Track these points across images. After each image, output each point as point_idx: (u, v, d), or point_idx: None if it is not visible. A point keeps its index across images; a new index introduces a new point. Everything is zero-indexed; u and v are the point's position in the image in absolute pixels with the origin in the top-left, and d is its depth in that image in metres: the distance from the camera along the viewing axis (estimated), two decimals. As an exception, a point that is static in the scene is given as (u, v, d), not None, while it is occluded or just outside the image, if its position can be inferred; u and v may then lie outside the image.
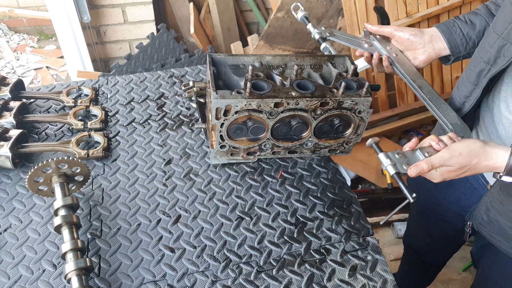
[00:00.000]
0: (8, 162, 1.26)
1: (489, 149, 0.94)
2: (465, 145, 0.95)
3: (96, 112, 1.49)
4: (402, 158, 1.01)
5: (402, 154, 1.02)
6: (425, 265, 1.86)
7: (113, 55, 3.08)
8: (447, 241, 1.59)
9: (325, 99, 1.16)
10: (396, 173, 0.98)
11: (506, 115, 1.08)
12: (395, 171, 0.98)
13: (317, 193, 1.30)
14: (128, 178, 1.31)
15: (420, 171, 0.96)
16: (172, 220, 1.20)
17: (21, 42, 3.86)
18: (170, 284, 1.07)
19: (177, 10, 3.02)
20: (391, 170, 0.99)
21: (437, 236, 1.57)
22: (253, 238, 1.17)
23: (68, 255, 1.02)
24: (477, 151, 0.94)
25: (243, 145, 1.27)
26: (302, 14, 1.39)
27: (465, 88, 1.15)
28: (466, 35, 1.19)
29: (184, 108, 1.57)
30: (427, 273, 1.94)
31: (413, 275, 1.98)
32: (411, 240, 1.83)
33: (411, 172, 0.97)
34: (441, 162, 0.96)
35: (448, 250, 1.70)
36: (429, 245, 1.69)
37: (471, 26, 1.19)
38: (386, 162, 1.00)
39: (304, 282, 1.08)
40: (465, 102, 1.16)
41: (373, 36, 1.31)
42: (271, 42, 2.56)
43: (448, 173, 0.98)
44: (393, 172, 0.98)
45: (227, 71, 1.25)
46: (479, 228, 1.27)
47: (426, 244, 1.72)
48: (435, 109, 1.14)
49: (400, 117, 2.66)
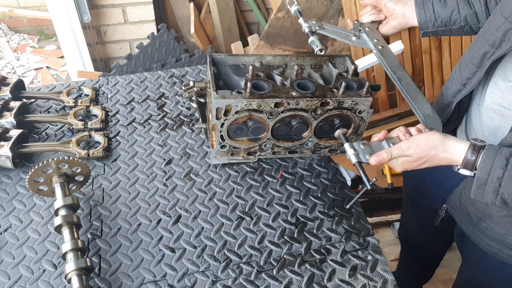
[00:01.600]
0: (8, 162, 1.26)
1: (448, 142, 0.98)
2: (424, 137, 1.00)
3: (96, 112, 1.49)
4: (367, 148, 1.07)
5: (368, 145, 1.08)
6: (421, 260, 1.88)
7: (114, 55, 3.08)
8: (437, 232, 1.61)
9: (325, 99, 1.16)
10: (358, 162, 1.05)
11: (490, 104, 1.09)
12: (357, 160, 1.05)
13: (318, 193, 1.30)
14: (128, 178, 1.31)
15: (380, 160, 1.02)
16: (173, 220, 1.20)
17: (22, 42, 3.86)
18: (170, 284, 1.07)
19: (177, 10, 3.02)
20: (353, 159, 1.05)
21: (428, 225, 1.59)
22: (254, 238, 1.17)
23: (69, 255, 1.02)
24: (435, 143, 0.98)
25: (244, 145, 1.27)
26: (295, 8, 1.41)
27: (468, 70, 1.16)
28: (436, 13, 1.23)
29: (185, 108, 1.57)
30: (424, 270, 1.95)
31: (411, 272, 1.99)
32: (406, 232, 1.85)
33: (372, 161, 1.03)
34: (399, 152, 1.00)
35: (440, 242, 1.71)
36: (422, 236, 1.71)
37: (443, 4, 1.23)
38: (349, 152, 1.07)
39: (304, 282, 1.08)
40: (466, 84, 1.17)
41: (362, 29, 1.33)
42: (272, 42, 2.56)
43: (408, 163, 1.01)
44: (355, 161, 1.05)
45: (228, 71, 1.25)
46: (451, 212, 1.30)
47: (419, 236, 1.74)
48: (410, 100, 1.17)
49: (401, 117, 2.66)
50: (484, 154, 0.94)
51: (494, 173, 0.93)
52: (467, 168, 0.96)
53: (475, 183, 0.96)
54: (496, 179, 0.92)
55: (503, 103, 1.05)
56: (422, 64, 2.62)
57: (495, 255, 1.18)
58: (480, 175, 0.94)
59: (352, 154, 1.06)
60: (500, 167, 0.92)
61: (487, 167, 0.93)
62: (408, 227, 1.79)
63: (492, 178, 0.93)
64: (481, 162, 0.94)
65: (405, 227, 1.84)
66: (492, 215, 1.13)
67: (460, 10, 1.22)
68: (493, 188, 0.94)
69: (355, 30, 1.33)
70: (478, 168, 0.94)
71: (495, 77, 1.10)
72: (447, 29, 1.26)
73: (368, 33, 1.32)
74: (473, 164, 0.95)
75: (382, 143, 1.08)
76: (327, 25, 1.36)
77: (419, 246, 1.80)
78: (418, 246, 1.81)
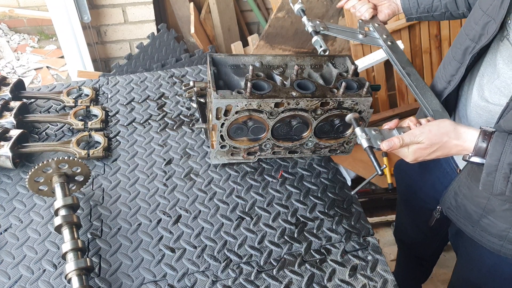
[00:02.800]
0: (8, 162, 1.27)
1: (459, 128, 0.97)
2: (435, 123, 0.99)
3: (96, 112, 1.49)
4: (378, 135, 1.05)
5: (379, 131, 1.06)
6: (418, 260, 1.88)
7: (114, 55, 3.08)
8: (432, 231, 1.62)
9: (325, 99, 1.16)
10: (369, 147, 1.02)
11: (477, 101, 1.10)
12: (368, 145, 1.02)
13: (318, 193, 1.30)
14: (128, 178, 1.31)
15: (392, 146, 1.00)
16: (173, 220, 1.20)
17: (22, 42, 3.86)
18: (170, 284, 1.07)
19: (177, 10, 3.02)
20: (365, 143, 1.03)
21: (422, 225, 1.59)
22: (254, 238, 1.17)
23: (69, 255, 1.02)
24: (447, 129, 0.97)
25: (244, 145, 1.27)
26: (299, 6, 1.41)
27: (451, 67, 1.17)
28: (418, 1, 1.30)
29: (185, 108, 1.57)
30: (421, 269, 1.95)
31: (409, 272, 2.00)
32: (401, 233, 1.85)
33: (384, 146, 1.01)
34: (411, 138, 0.99)
35: (436, 241, 1.71)
36: (417, 236, 1.72)
37: None
38: (361, 136, 1.05)
39: (304, 282, 1.08)
40: (450, 81, 1.18)
41: (372, 25, 1.35)
42: (272, 42, 2.56)
43: (420, 151, 1.00)
44: (366, 146, 1.03)
45: (228, 71, 1.25)
46: (447, 212, 1.29)
47: (414, 236, 1.74)
48: (419, 95, 1.17)
49: (401, 117, 2.66)
50: (494, 140, 0.93)
51: (504, 159, 0.91)
52: (478, 155, 0.95)
53: (485, 171, 0.95)
54: (507, 164, 0.91)
55: (490, 99, 1.06)
56: (422, 64, 2.62)
57: (497, 251, 1.17)
58: (490, 161, 0.93)
59: (363, 139, 1.04)
60: (511, 152, 0.91)
61: (497, 153, 0.92)
62: (403, 227, 1.80)
63: (503, 164, 0.92)
64: (491, 148, 0.93)
65: (400, 228, 1.85)
66: (495, 209, 1.12)
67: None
68: (503, 174, 0.92)
69: (361, 29, 1.33)
70: (488, 155, 0.93)
71: (480, 74, 1.10)
72: (429, 15, 1.32)
73: (377, 29, 1.33)
74: (484, 151, 0.94)
75: (393, 132, 1.05)
76: (331, 25, 1.36)
77: (415, 246, 1.80)
78: (414, 246, 1.81)
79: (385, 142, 1.01)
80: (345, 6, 1.43)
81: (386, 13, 1.37)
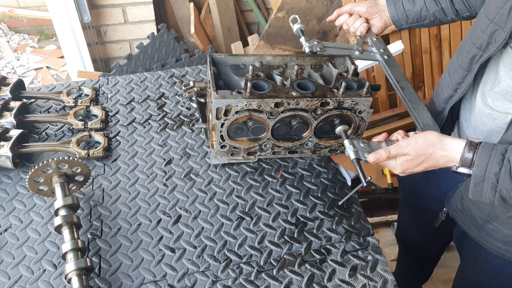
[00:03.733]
0: (8, 162, 1.27)
1: (445, 139, 0.99)
2: (421, 135, 1.02)
3: (96, 112, 1.49)
4: (366, 147, 1.08)
5: (368, 144, 1.09)
6: (419, 260, 1.88)
7: (114, 55, 3.08)
8: (435, 232, 1.62)
9: (325, 99, 1.16)
10: (356, 159, 1.06)
11: (481, 108, 1.10)
12: (355, 157, 1.06)
13: (318, 193, 1.30)
14: (128, 178, 1.31)
15: (378, 158, 1.02)
16: (173, 220, 1.20)
17: (22, 42, 3.86)
18: (170, 284, 1.07)
19: (177, 10, 3.02)
20: (352, 155, 1.07)
21: (426, 226, 1.60)
22: (254, 238, 1.17)
23: (69, 255, 1.02)
24: (432, 140, 0.99)
25: (244, 145, 1.27)
26: (298, 26, 1.43)
27: (457, 75, 1.17)
28: (407, 11, 1.33)
29: (185, 108, 1.57)
30: (422, 269, 1.95)
31: (410, 272, 1.99)
32: (403, 234, 1.85)
33: (370, 158, 1.04)
34: (398, 149, 1.01)
35: (439, 242, 1.72)
36: (420, 237, 1.72)
37: (412, 4, 1.32)
38: (349, 148, 1.08)
39: (304, 282, 1.08)
40: (457, 89, 1.18)
41: (370, 39, 1.38)
42: (272, 42, 2.56)
43: (407, 163, 1.01)
44: (353, 157, 1.06)
45: (228, 71, 1.25)
46: (453, 215, 1.29)
47: (417, 237, 1.74)
48: (411, 109, 1.19)
49: (401, 117, 2.66)
50: (480, 150, 0.94)
51: (491, 169, 0.92)
52: (465, 166, 0.96)
53: (472, 181, 0.96)
54: (493, 175, 0.92)
55: (494, 106, 1.05)
56: (422, 64, 2.62)
57: (502, 255, 1.18)
58: (477, 171, 0.94)
59: (351, 151, 1.08)
60: (496, 162, 0.92)
61: (483, 163, 0.93)
62: (405, 228, 1.80)
63: (489, 174, 0.92)
64: (477, 158, 0.94)
65: (402, 228, 1.85)
66: (499, 216, 1.12)
67: (428, 8, 1.30)
68: (490, 184, 0.93)
69: (359, 46, 1.37)
70: (475, 165, 0.94)
71: (483, 81, 1.10)
72: (420, 23, 1.35)
73: (375, 43, 1.36)
74: (470, 161, 0.95)
75: (381, 145, 1.08)
76: (328, 44, 1.39)
77: (417, 246, 1.80)
78: (416, 246, 1.81)
79: (371, 154, 1.04)
80: (336, 23, 1.45)
81: (379, 26, 1.39)
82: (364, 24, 1.36)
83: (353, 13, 1.39)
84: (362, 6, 1.38)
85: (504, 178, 0.91)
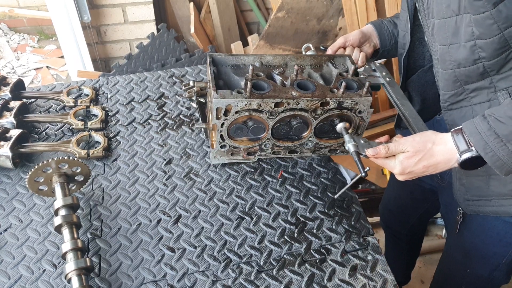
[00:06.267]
0: (8, 162, 1.27)
1: (441, 135, 1.02)
2: (419, 133, 1.06)
3: (96, 112, 1.49)
4: (366, 144, 1.11)
5: (368, 142, 1.12)
6: (396, 234, 1.95)
7: (114, 55, 3.08)
8: (413, 205, 1.71)
9: (325, 99, 1.16)
10: (355, 152, 1.09)
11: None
12: (354, 150, 1.09)
13: (318, 193, 1.30)
14: (128, 178, 1.31)
15: (377, 153, 1.05)
16: (173, 220, 1.20)
17: (22, 42, 3.86)
18: (170, 284, 1.07)
19: (177, 10, 3.02)
20: (352, 148, 1.10)
21: (405, 196, 1.70)
22: (254, 238, 1.17)
23: (69, 255, 1.02)
24: (429, 136, 1.02)
25: (244, 145, 1.27)
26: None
27: None
28: (391, 32, 1.44)
29: (185, 108, 1.57)
30: (400, 247, 2.01)
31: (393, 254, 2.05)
32: (383, 206, 1.95)
33: (369, 152, 1.07)
34: (396, 146, 1.04)
35: (413, 217, 1.80)
36: (397, 208, 1.83)
37: (394, 25, 1.44)
38: (349, 141, 1.12)
39: (304, 282, 1.08)
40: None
41: (373, 64, 1.44)
42: (272, 42, 2.56)
43: (406, 160, 1.03)
44: (353, 150, 1.09)
45: (228, 71, 1.25)
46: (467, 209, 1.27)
47: (394, 209, 1.85)
48: (412, 124, 1.21)
49: (400, 117, 2.66)
50: (463, 126, 0.97)
51: (482, 129, 0.94)
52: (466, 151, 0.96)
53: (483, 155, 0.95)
54: (487, 131, 0.93)
55: None
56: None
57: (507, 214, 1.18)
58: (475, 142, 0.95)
59: (351, 144, 1.11)
60: (481, 121, 0.94)
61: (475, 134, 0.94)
62: (387, 200, 1.90)
63: (489, 138, 0.93)
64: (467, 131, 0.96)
65: (384, 202, 1.94)
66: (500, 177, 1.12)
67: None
68: (497, 144, 0.93)
69: (367, 72, 1.42)
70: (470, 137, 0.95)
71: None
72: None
73: (378, 68, 1.41)
74: (465, 141, 0.96)
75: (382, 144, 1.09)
76: None
77: (393, 219, 1.91)
78: (392, 219, 1.91)
79: (371, 149, 1.07)
80: None
81: (370, 52, 1.47)
82: (362, 53, 1.42)
83: (347, 46, 1.45)
84: (354, 36, 1.44)
85: (498, 128, 0.92)
